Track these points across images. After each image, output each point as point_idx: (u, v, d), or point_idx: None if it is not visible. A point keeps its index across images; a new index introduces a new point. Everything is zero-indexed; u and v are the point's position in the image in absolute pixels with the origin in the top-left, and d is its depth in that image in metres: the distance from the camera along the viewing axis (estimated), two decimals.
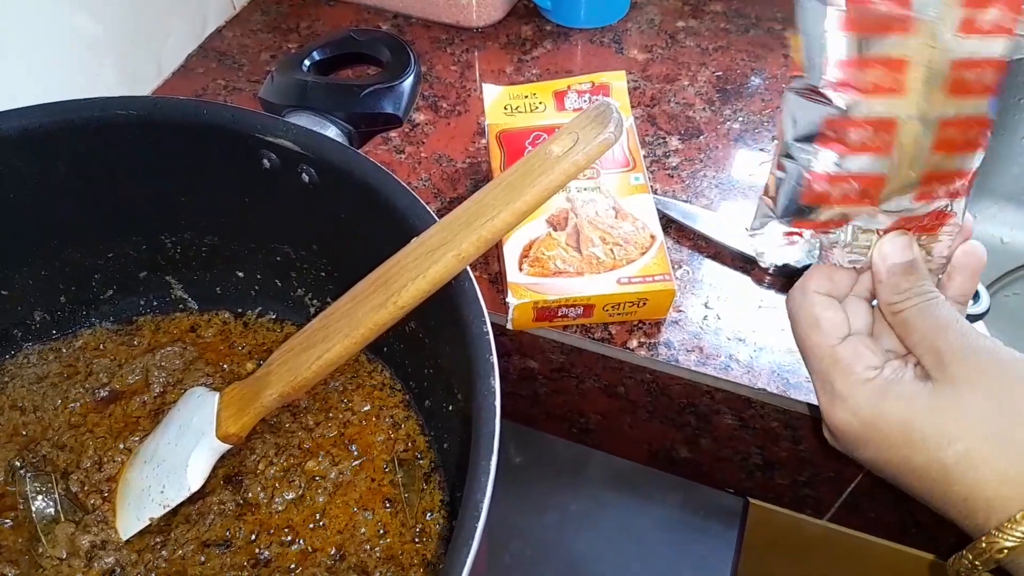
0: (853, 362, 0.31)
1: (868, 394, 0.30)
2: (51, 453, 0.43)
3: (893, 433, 0.29)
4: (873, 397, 0.30)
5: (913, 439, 0.29)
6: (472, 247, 0.32)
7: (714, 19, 0.73)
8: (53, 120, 0.42)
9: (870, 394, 0.30)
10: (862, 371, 0.30)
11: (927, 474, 0.29)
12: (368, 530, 0.40)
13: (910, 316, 0.30)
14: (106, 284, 0.49)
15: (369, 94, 0.44)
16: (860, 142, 0.28)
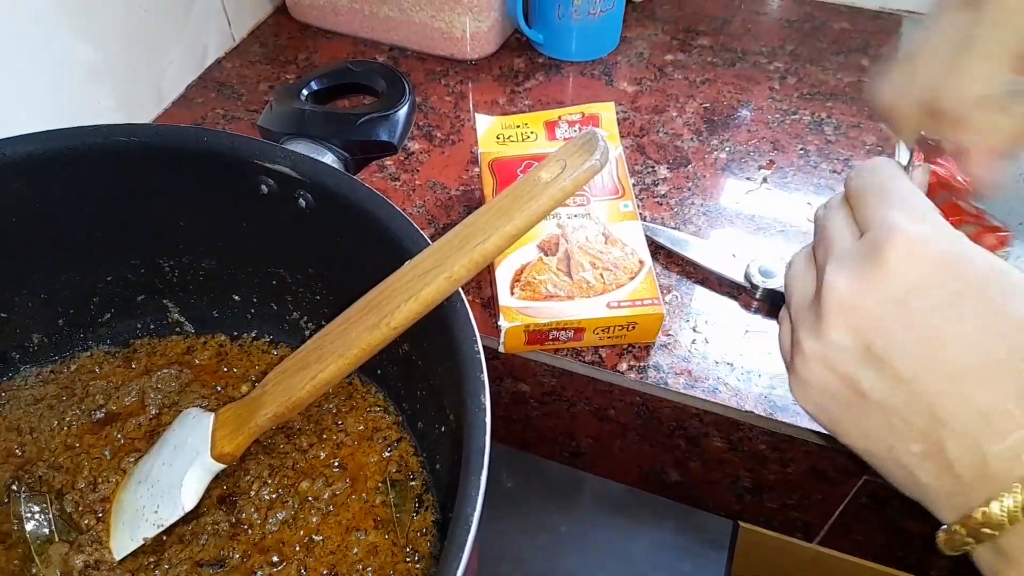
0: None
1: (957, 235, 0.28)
2: (47, 474, 0.43)
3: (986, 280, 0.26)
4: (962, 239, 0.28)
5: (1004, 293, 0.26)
6: (464, 269, 0.33)
7: (701, 53, 0.76)
8: (56, 146, 0.43)
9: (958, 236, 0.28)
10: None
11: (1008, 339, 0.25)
12: (360, 550, 0.41)
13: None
14: (104, 307, 0.50)
15: (365, 122, 0.45)
16: None
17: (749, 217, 0.59)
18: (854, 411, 0.29)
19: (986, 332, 0.26)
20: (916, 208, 0.28)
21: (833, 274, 0.29)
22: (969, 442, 0.25)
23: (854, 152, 0.65)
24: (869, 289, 0.28)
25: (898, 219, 0.28)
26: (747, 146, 0.66)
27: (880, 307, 0.27)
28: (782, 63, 0.74)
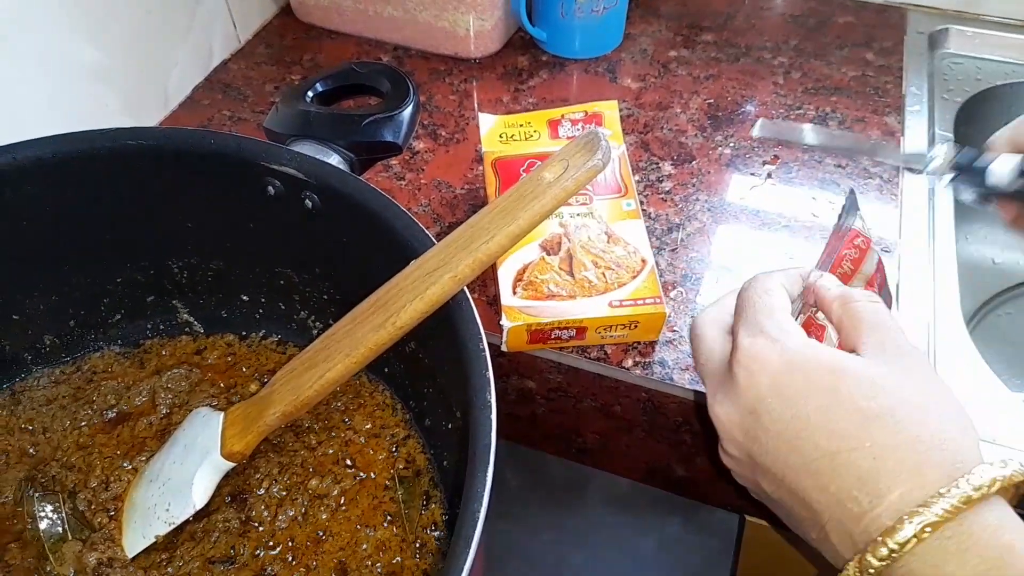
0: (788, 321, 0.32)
1: (802, 337, 0.31)
2: (60, 473, 0.44)
3: (821, 376, 0.29)
4: (806, 344, 0.31)
5: (838, 385, 0.29)
6: (468, 269, 0.33)
7: (705, 49, 0.76)
8: (66, 150, 0.43)
9: (804, 342, 0.31)
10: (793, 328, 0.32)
11: (842, 425, 0.28)
12: (369, 546, 0.41)
13: (863, 309, 0.33)
14: (114, 308, 0.50)
15: (370, 123, 0.46)
16: None
17: (754, 213, 0.59)
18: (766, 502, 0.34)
19: (826, 428, 0.29)
20: (755, 318, 0.32)
21: (711, 400, 0.34)
22: (840, 528, 0.29)
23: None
24: (729, 406, 0.32)
25: (741, 336, 0.32)
26: (751, 142, 0.66)
27: (744, 420, 0.31)
28: (786, 58, 0.74)
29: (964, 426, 0.29)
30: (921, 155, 0.38)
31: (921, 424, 0.28)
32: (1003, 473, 0.27)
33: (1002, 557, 0.26)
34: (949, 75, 0.74)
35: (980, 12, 0.78)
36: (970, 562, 0.26)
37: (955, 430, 0.29)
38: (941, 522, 0.26)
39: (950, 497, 0.26)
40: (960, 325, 0.53)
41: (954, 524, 0.26)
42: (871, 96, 0.70)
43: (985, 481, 0.26)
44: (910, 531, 0.26)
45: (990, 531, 0.26)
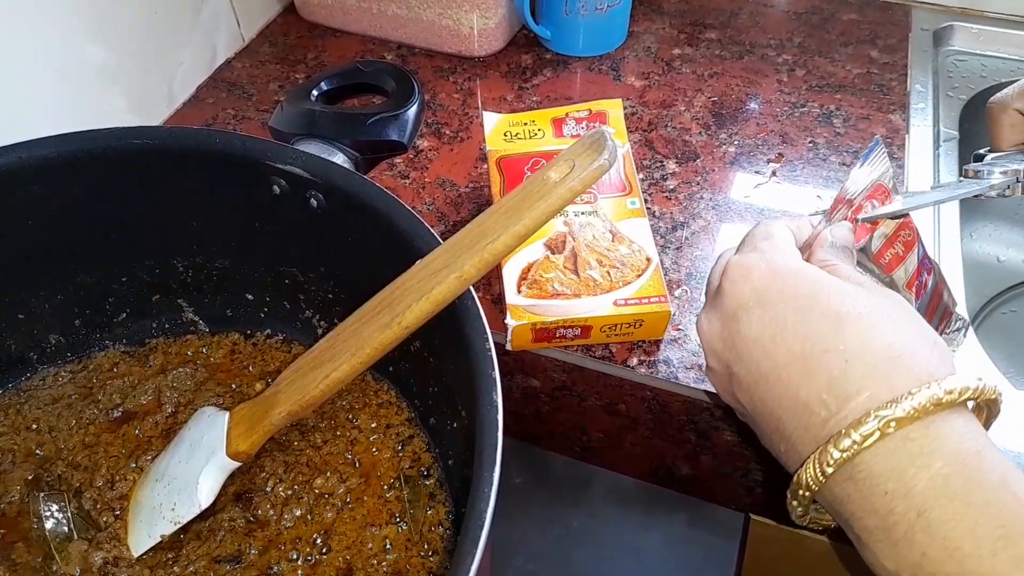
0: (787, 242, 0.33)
1: (791, 255, 0.32)
2: (66, 472, 0.44)
3: (802, 283, 0.30)
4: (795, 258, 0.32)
5: (818, 294, 0.29)
6: (474, 269, 0.33)
7: (709, 46, 0.76)
8: (71, 149, 0.43)
9: (792, 256, 0.32)
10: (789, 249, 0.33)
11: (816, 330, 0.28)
12: (375, 545, 0.41)
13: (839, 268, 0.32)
14: (119, 307, 0.50)
15: (375, 122, 0.46)
16: None
17: (759, 211, 0.59)
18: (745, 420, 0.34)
19: (801, 330, 0.28)
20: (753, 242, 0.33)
21: (700, 314, 0.35)
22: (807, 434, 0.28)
23: (863, 144, 0.65)
24: (713, 315, 0.33)
25: (734, 255, 0.33)
26: (756, 139, 0.66)
27: (724, 328, 0.32)
28: (790, 55, 0.74)
29: (941, 351, 0.29)
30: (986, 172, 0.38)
31: (896, 333, 0.28)
32: (977, 385, 0.26)
33: (966, 463, 0.25)
34: (954, 72, 0.74)
35: (985, 9, 0.78)
36: (933, 465, 0.25)
37: (930, 349, 0.28)
38: (907, 420, 0.25)
39: (919, 396, 0.25)
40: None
41: (920, 426, 0.26)
42: (875, 93, 0.70)
43: (957, 387, 0.26)
44: (874, 425, 0.26)
45: (956, 437, 0.25)
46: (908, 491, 0.25)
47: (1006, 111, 0.39)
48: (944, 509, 0.24)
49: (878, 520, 0.26)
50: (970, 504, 0.24)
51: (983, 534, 0.23)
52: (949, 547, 0.24)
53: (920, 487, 0.25)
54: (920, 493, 0.25)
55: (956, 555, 0.24)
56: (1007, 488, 0.24)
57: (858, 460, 0.26)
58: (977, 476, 0.24)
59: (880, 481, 0.26)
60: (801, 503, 0.29)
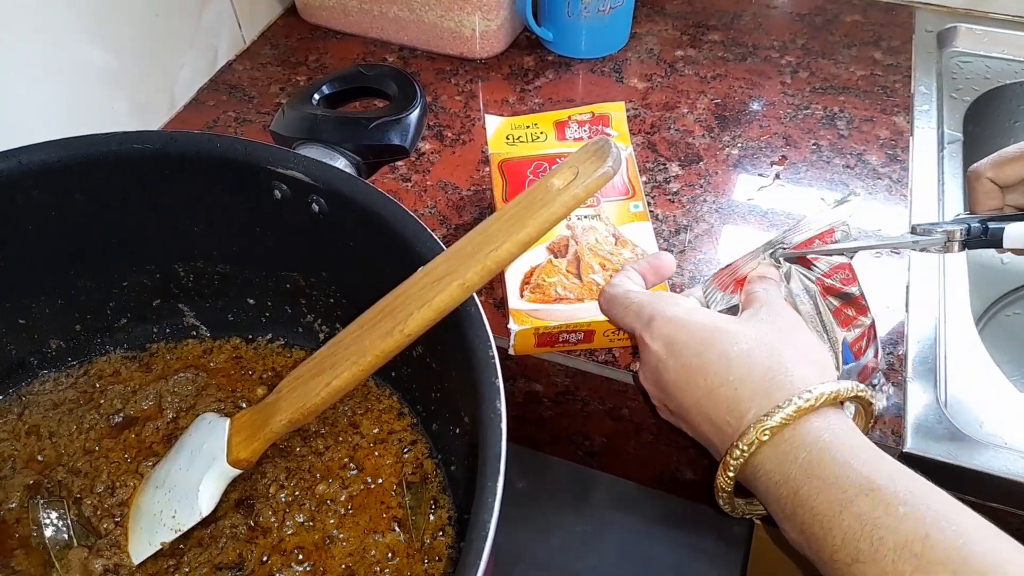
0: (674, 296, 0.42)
1: (686, 308, 0.39)
2: (66, 479, 0.44)
3: (698, 333, 0.37)
4: (689, 309, 0.39)
5: (710, 339, 0.36)
6: (476, 276, 0.33)
7: (712, 48, 0.75)
8: (72, 154, 0.43)
9: (688, 308, 0.39)
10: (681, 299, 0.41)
11: (713, 368, 0.35)
12: (378, 552, 0.41)
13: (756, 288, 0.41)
14: (120, 312, 0.50)
15: (377, 126, 0.45)
16: None
17: (762, 213, 0.59)
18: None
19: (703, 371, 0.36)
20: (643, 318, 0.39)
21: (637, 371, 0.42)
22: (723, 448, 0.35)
23: (867, 146, 0.64)
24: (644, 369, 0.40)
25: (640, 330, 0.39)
26: (759, 142, 0.65)
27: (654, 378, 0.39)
28: (793, 57, 0.74)
29: (817, 362, 0.36)
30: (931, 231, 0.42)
31: (772, 360, 0.35)
32: (832, 389, 0.33)
33: (822, 450, 0.32)
34: (958, 74, 0.74)
35: (989, 10, 0.77)
36: (800, 456, 0.32)
37: (805, 365, 0.35)
38: (780, 427, 0.32)
39: (787, 407, 0.32)
40: (970, 325, 0.53)
41: (790, 429, 0.33)
42: (879, 95, 0.69)
43: (815, 395, 0.33)
44: (753, 435, 0.33)
45: (814, 433, 0.32)
46: (786, 478, 0.32)
47: (980, 180, 0.45)
48: (810, 487, 0.31)
49: (774, 503, 0.33)
50: (824, 479, 0.31)
51: (833, 499, 0.30)
52: (815, 513, 0.31)
53: (793, 473, 0.32)
54: (794, 479, 0.32)
55: (819, 518, 0.31)
56: (849, 466, 0.31)
57: (752, 462, 0.34)
58: (830, 460, 0.32)
59: (770, 475, 0.33)
60: (724, 500, 0.37)
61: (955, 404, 0.48)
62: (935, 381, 0.49)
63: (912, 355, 0.50)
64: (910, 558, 0.28)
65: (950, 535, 0.28)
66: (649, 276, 0.45)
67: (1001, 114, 0.74)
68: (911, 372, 0.49)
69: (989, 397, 0.48)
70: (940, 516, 0.29)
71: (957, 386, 0.49)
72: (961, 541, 0.28)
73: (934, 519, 0.29)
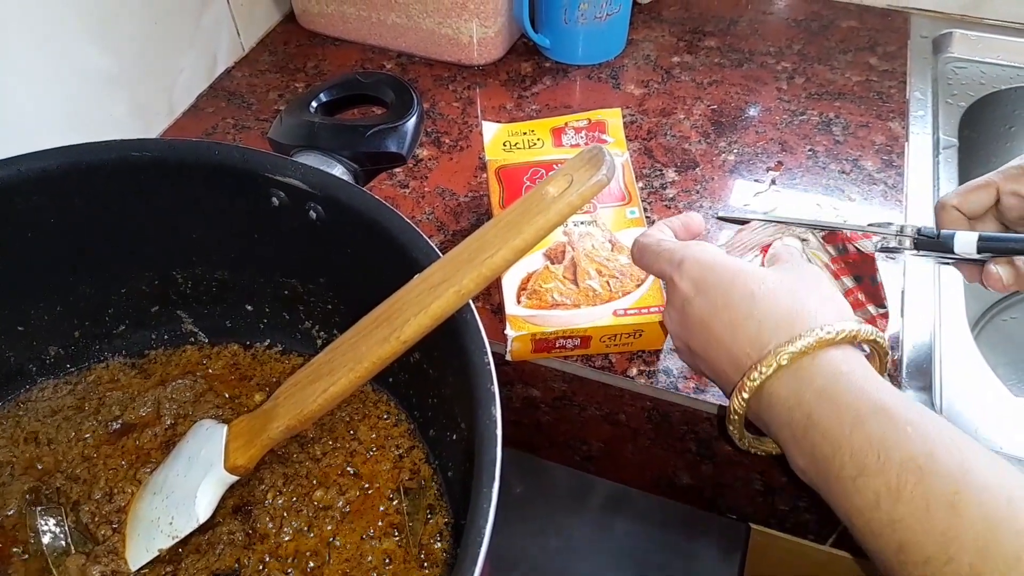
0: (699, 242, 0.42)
1: (715, 251, 0.40)
2: (64, 485, 0.44)
3: (726, 275, 0.38)
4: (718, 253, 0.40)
5: (737, 279, 0.38)
6: (472, 283, 0.33)
7: (708, 54, 0.76)
8: (71, 161, 0.43)
9: (717, 252, 0.40)
10: (709, 244, 0.41)
11: (738, 306, 0.37)
12: (375, 558, 0.41)
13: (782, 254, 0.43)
14: (119, 319, 0.50)
15: (374, 134, 0.46)
16: None
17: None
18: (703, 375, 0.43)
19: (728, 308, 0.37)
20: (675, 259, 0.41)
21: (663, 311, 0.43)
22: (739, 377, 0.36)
23: (863, 152, 0.65)
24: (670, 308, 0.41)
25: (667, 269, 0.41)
26: (755, 147, 0.65)
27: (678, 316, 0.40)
28: (790, 63, 0.74)
29: (838, 307, 0.37)
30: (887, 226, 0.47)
31: (796, 302, 0.37)
32: (852, 328, 0.34)
33: (838, 378, 0.33)
34: (953, 79, 0.74)
35: (984, 16, 0.78)
36: (816, 382, 0.34)
37: (828, 308, 0.36)
38: (799, 354, 0.34)
39: (808, 337, 0.34)
40: (965, 330, 0.53)
41: (808, 358, 0.34)
42: (875, 101, 0.70)
43: (836, 329, 0.34)
44: (773, 359, 0.34)
45: (834, 362, 0.34)
46: (800, 402, 0.34)
47: (946, 210, 0.48)
48: (822, 409, 0.33)
49: (785, 428, 0.35)
50: (838, 403, 0.33)
51: (844, 420, 0.32)
52: (826, 434, 0.32)
53: (807, 398, 0.33)
54: (808, 403, 0.33)
55: (829, 437, 0.32)
56: (863, 391, 0.33)
57: (767, 386, 0.35)
58: (845, 385, 0.33)
59: (783, 399, 0.34)
60: (735, 426, 0.38)
61: (951, 409, 0.48)
62: (931, 386, 0.49)
63: (907, 360, 0.50)
64: (914, 470, 0.29)
65: (955, 452, 0.30)
66: (680, 232, 0.45)
67: (996, 119, 0.74)
68: (906, 377, 0.49)
69: (985, 402, 0.48)
70: (945, 437, 0.30)
71: (953, 391, 0.49)
72: (963, 457, 0.29)
73: (939, 438, 0.30)
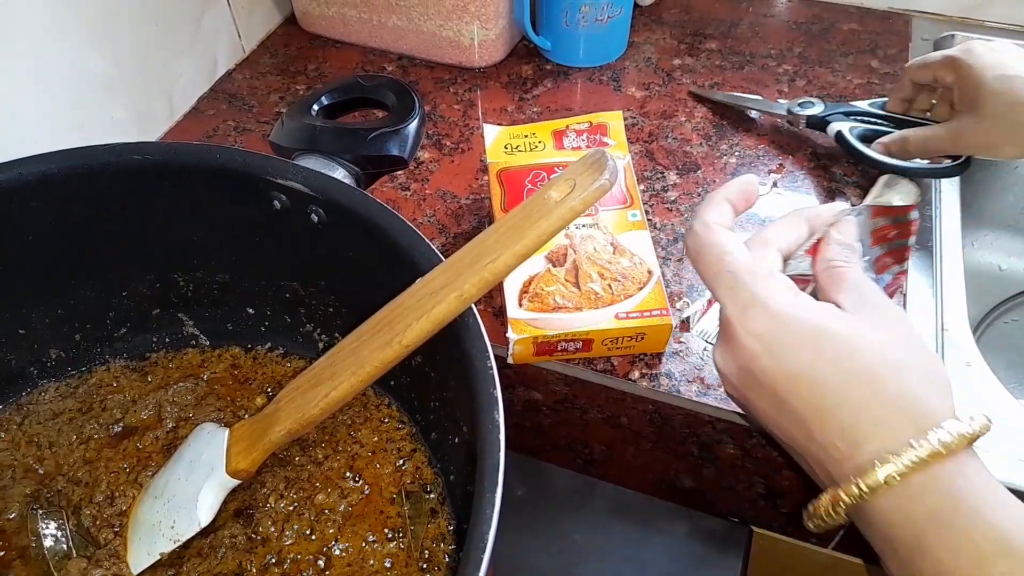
0: (773, 271, 0.35)
1: (790, 297, 0.34)
2: (66, 488, 0.44)
3: (806, 335, 0.32)
4: (793, 300, 0.34)
5: (823, 344, 0.32)
6: (474, 288, 0.33)
7: (709, 56, 0.76)
8: (71, 165, 0.43)
9: (792, 297, 0.34)
10: (779, 283, 0.35)
11: (826, 383, 0.31)
12: (377, 562, 0.41)
13: (846, 271, 0.36)
14: (120, 322, 0.50)
15: (375, 137, 0.46)
16: None
17: (760, 222, 0.59)
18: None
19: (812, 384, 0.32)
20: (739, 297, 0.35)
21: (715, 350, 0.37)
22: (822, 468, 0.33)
23: None
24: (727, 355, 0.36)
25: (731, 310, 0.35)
26: (756, 150, 0.65)
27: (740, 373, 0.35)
28: (790, 65, 0.74)
29: (941, 384, 0.32)
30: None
31: (898, 383, 0.31)
32: (970, 429, 0.30)
33: (954, 497, 0.29)
34: None
35: (984, 18, 0.78)
36: (927, 501, 0.29)
37: (931, 389, 0.32)
38: (909, 472, 0.29)
39: (920, 449, 0.29)
40: (966, 332, 0.53)
41: (919, 473, 0.29)
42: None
43: (952, 438, 0.30)
44: (880, 476, 0.30)
45: (947, 478, 0.29)
46: (907, 520, 0.30)
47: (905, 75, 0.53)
48: (936, 536, 0.29)
49: (885, 543, 0.31)
50: (954, 530, 0.29)
51: (963, 554, 0.28)
52: (939, 566, 0.29)
53: (917, 518, 0.29)
54: (917, 523, 0.29)
55: (941, 570, 0.29)
56: (986, 521, 0.28)
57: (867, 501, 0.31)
58: (965, 512, 0.29)
59: (886, 515, 0.30)
60: (816, 527, 0.34)
61: None
62: None
63: None
64: None
65: None
66: (740, 204, 0.39)
67: None
68: None
69: (986, 406, 0.48)
70: None
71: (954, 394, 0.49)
72: None
73: None
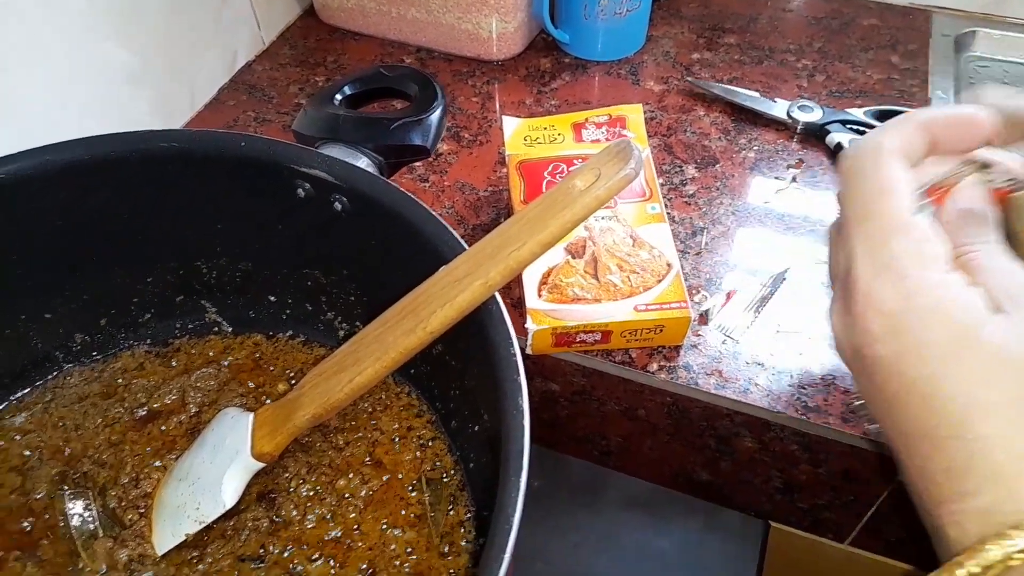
0: (927, 239, 0.27)
1: (936, 280, 0.26)
2: (92, 470, 0.45)
3: (941, 339, 0.25)
4: (941, 279, 0.26)
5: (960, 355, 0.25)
6: (499, 276, 0.33)
7: (728, 51, 0.75)
8: (98, 152, 0.44)
9: (938, 282, 0.26)
10: (933, 252, 0.27)
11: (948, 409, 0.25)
12: (398, 547, 0.41)
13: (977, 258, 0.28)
14: (144, 308, 0.51)
15: (399, 127, 0.46)
16: None
17: (779, 216, 0.59)
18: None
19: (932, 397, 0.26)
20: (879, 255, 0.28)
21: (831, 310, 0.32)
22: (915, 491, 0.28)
23: None
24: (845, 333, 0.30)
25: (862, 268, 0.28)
26: (775, 145, 0.65)
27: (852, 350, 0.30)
28: (810, 60, 0.74)
29: None
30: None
31: None
32: None
33: None
34: (976, 78, 0.74)
35: (1006, 14, 0.77)
36: None
37: None
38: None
39: None
40: None
41: None
42: (896, 99, 0.69)
43: None
44: (998, 554, 0.23)
45: None
46: None
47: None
48: None
49: None
50: None
51: None
52: None
53: None
54: None
55: None
56: None
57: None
58: None
59: None
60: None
61: None
62: None
63: None
64: None
65: None
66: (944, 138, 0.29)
67: None
68: None
69: None
70: None
71: None
72: None
73: None
